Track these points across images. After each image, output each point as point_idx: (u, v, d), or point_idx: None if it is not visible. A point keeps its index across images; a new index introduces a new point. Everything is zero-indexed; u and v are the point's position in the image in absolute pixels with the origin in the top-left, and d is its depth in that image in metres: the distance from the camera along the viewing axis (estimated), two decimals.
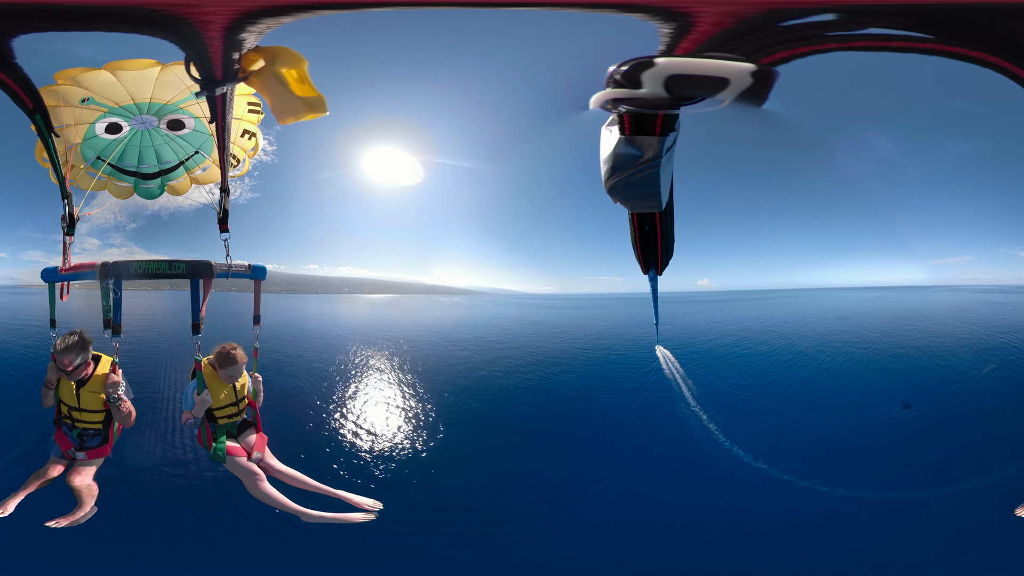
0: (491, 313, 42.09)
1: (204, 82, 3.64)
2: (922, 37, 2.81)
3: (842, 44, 2.84)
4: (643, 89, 2.81)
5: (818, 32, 2.78)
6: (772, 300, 52.18)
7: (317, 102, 3.69)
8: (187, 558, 8.32)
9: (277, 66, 3.55)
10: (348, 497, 4.72)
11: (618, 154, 3.11)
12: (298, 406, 13.49)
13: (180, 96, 4.82)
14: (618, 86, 2.86)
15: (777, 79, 2.81)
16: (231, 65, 3.51)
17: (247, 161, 5.50)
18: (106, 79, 4.59)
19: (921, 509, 9.99)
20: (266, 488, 4.52)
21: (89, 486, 4.30)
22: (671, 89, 2.81)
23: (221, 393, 4.67)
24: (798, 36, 2.77)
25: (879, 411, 14.38)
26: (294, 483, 4.73)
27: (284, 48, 3.52)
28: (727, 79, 2.76)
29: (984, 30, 2.80)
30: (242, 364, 4.68)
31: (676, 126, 3.07)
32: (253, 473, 4.55)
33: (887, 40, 2.83)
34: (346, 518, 4.59)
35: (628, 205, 3.66)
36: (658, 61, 2.76)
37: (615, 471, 12.06)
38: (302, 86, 3.64)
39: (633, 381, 17.07)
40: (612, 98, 2.94)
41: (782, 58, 2.79)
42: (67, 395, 4.47)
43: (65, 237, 4.72)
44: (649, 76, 2.77)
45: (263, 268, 4.95)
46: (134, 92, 4.73)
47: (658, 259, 4.22)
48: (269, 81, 3.60)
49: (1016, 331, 21.39)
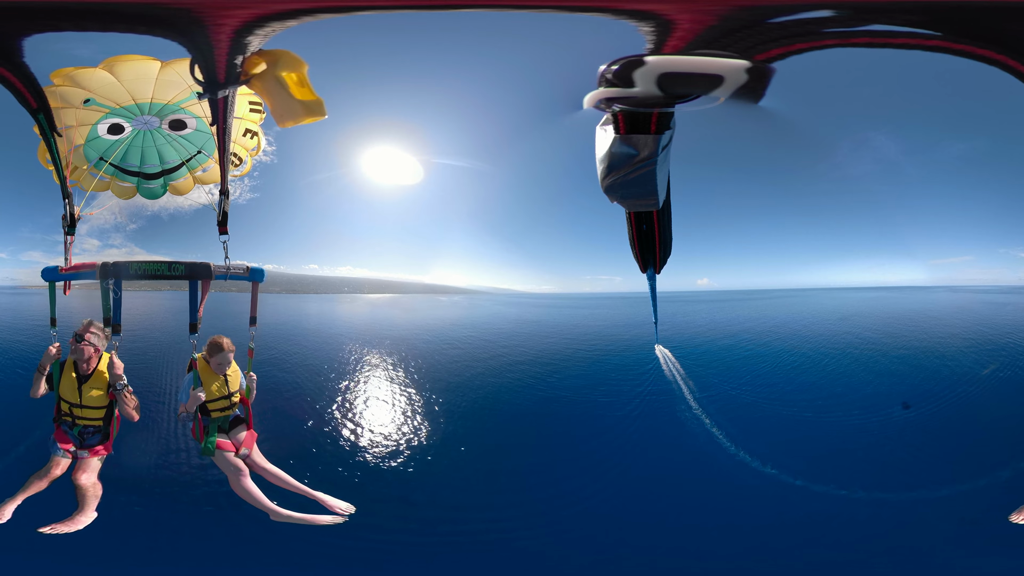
0: (490, 312, 42.14)
1: (207, 84, 3.66)
2: (928, 34, 2.80)
3: (842, 41, 2.83)
4: (636, 88, 2.81)
5: (815, 29, 2.76)
6: (772, 300, 52.23)
7: (316, 106, 3.72)
8: (186, 556, 8.33)
9: (278, 69, 3.57)
10: (322, 499, 4.82)
11: (614, 153, 3.12)
12: (294, 403, 13.52)
13: (181, 96, 4.84)
14: (610, 85, 2.85)
15: (773, 76, 2.80)
16: (234, 68, 3.53)
17: (249, 160, 5.53)
18: (105, 79, 4.60)
19: (920, 510, 10.00)
20: (246, 484, 4.64)
21: (95, 485, 4.31)
22: (665, 87, 2.80)
23: (213, 385, 4.82)
24: (793, 33, 2.75)
25: (878, 412, 14.40)
26: (276, 481, 4.85)
27: (286, 52, 3.55)
28: (721, 76, 2.75)
29: (991, 28, 2.79)
30: (229, 352, 4.82)
31: (671, 124, 3.06)
32: (238, 469, 4.68)
33: (890, 37, 2.81)
34: (313, 519, 4.67)
35: (625, 204, 3.66)
36: (648, 59, 2.75)
37: (611, 470, 12.08)
38: (302, 89, 3.67)
39: (632, 380, 17.09)
40: (606, 97, 2.93)
41: (778, 55, 2.78)
42: (69, 392, 4.47)
43: (66, 237, 4.74)
44: (641, 74, 2.76)
45: (261, 270, 4.99)
46: (135, 92, 4.76)
47: (656, 258, 4.22)
48: (270, 84, 3.62)
49: (1018, 331, 21.44)
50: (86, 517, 4.06)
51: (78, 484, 4.23)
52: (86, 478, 4.28)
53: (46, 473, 4.23)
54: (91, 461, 4.45)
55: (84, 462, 4.41)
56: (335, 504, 4.81)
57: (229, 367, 4.89)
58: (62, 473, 4.29)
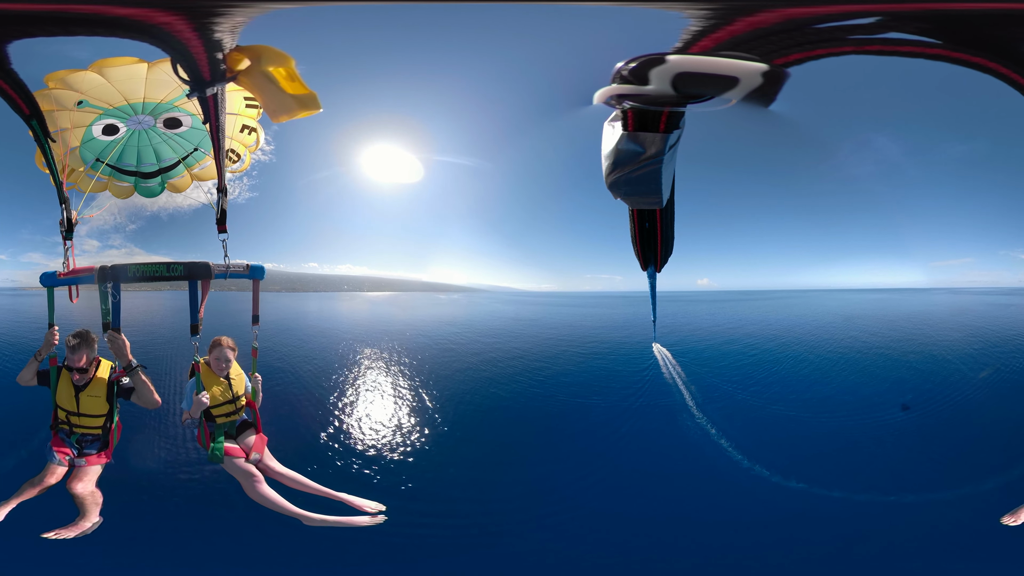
0: (488, 311, 42.12)
1: (193, 83, 3.60)
2: (931, 42, 2.78)
3: (857, 48, 2.80)
4: (650, 86, 2.77)
5: (840, 36, 2.75)
6: (772, 301, 52.26)
7: (309, 99, 3.65)
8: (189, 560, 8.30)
9: (263, 65, 3.50)
10: (350, 500, 4.64)
11: (620, 150, 3.08)
12: (299, 402, 13.51)
13: (174, 94, 4.79)
14: (624, 82, 2.82)
15: (787, 80, 2.77)
16: (217, 65, 3.46)
17: (248, 156, 5.47)
18: (96, 80, 4.55)
19: (918, 513, 10.00)
20: (264, 490, 4.45)
21: (93, 493, 4.17)
22: (679, 87, 2.76)
23: (217, 389, 4.67)
24: (817, 39, 2.73)
25: (878, 413, 14.40)
26: (295, 485, 4.66)
27: (268, 47, 3.47)
28: (737, 78, 2.72)
29: (985, 35, 2.78)
30: (227, 349, 4.70)
31: (681, 124, 3.03)
32: (251, 475, 4.50)
33: (899, 45, 2.80)
34: (350, 522, 4.49)
35: (629, 201, 3.63)
36: (670, 58, 2.71)
37: (607, 467, 12.08)
38: (292, 84, 3.60)
39: (630, 378, 17.08)
40: (617, 94, 2.89)
41: (797, 59, 2.75)
42: (65, 400, 4.38)
43: (65, 242, 4.66)
44: (658, 73, 2.72)
45: (261, 268, 4.90)
46: (127, 93, 4.70)
47: (657, 256, 4.19)
48: (258, 80, 3.56)
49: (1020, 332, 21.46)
50: (88, 523, 3.96)
51: (74, 493, 4.10)
52: (82, 487, 4.15)
53: (40, 480, 4.11)
54: (88, 469, 4.32)
55: (81, 470, 4.29)
56: (363, 504, 4.63)
57: (231, 367, 4.76)
58: (57, 481, 4.16)
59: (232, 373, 4.81)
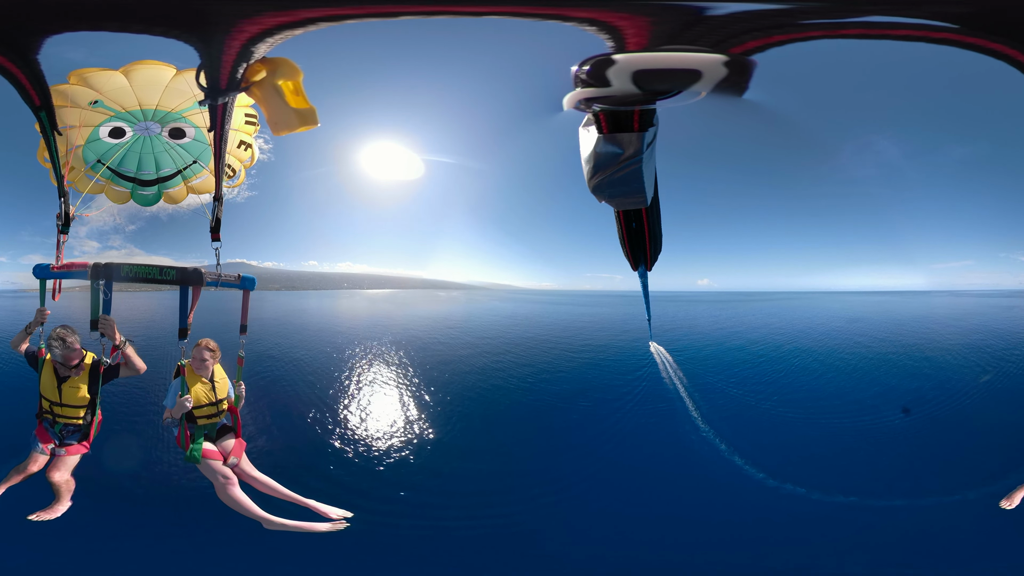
0: (486, 309, 42.08)
1: (209, 90, 3.73)
2: (944, 26, 2.67)
3: (829, 32, 2.71)
4: (613, 86, 2.77)
5: (789, 20, 2.67)
6: (772, 302, 52.12)
7: (309, 114, 3.82)
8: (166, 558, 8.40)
9: (277, 77, 3.66)
10: (316, 506, 4.81)
11: (599, 153, 3.09)
12: (291, 403, 13.50)
13: (184, 105, 4.90)
14: (586, 85, 2.81)
15: (756, 68, 2.74)
16: (236, 75, 3.60)
17: (243, 172, 5.58)
18: (119, 82, 4.65)
19: (917, 515, 10.03)
20: (234, 493, 4.60)
21: (67, 481, 4.39)
22: (642, 84, 2.76)
23: (200, 391, 4.77)
24: (767, 25, 2.67)
25: (878, 414, 14.40)
26: (266, 490, 4.80)
27: (284, 60, 3.63)
28: (698, 71, 2.71)
29: (1010, 19, 2.68)
30: (206, 350, 4.77)
31: (655, 120, 3.02)
32: (226, 478, 4.64)
33: (891, 28, 2.70)
34: (309, 527, 4.65)
35: (613, 203, 3.63)
36: (617, 57, 2.71)
37: (602, 463, 12.11)
38: (296, 98, 3.76)
39: (628, 376, 17.10)
40: (584, 98, 2.89)
41: (756, 47, 2.70)
42: (49, 390, 4.51)
43: (59, 235, 4.74)
44: (615, 73, 2.72)
45: (252, 279, 5.01)
46: (143, 98, 4.80)
47: (647, 255, 4.20)
48: (267, 92, 3.72)
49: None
50: (62, 507, 4.25)
51: (51, 481, 4.33)
52: (59, 475, 4.37)
53: (24, 468, 4.36)
54: (67, 459, 4.51)
55: (60, 459, 4.48)
56: (329, 511, 4.79)
57: (212, 368, 4.82)
58: (39, 469, 4.38)
59: (216, 377, 4.88)
